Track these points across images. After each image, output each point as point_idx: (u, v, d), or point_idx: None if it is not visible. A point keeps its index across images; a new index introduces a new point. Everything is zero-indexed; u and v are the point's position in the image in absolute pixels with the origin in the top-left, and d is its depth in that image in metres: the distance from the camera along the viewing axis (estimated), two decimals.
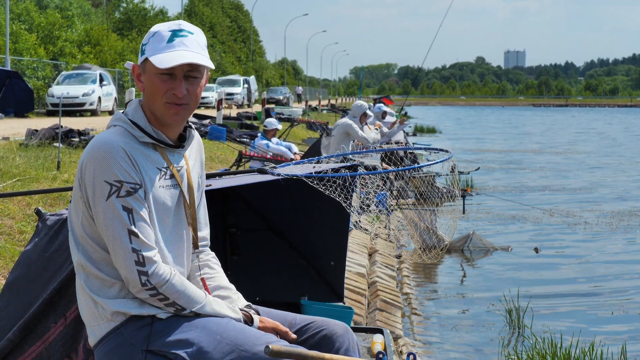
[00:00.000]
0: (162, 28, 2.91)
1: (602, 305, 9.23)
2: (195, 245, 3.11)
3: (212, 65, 2.92)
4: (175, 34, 2.89)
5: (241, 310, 3.03)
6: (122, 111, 2.99)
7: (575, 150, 34.92)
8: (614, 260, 11.79)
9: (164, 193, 2.93)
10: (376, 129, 14.80)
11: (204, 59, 2.88)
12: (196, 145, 3.14)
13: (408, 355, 3.50)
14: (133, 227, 2.80)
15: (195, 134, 3.13)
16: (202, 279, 3.10)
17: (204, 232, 3.18)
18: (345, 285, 5.34)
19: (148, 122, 2.94)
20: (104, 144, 2.83)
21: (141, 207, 2.84)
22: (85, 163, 2.84)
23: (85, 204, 2.86)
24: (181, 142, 3.02)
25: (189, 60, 2.84)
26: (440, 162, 5.18)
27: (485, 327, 8.21)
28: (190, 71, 2.89)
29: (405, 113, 20.42)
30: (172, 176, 2.97)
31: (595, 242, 13.18)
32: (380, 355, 3.48)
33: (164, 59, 2.83)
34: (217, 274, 3.17)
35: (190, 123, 3.06)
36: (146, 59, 2.88)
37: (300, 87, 68.19)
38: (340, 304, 4.96)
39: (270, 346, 2.71)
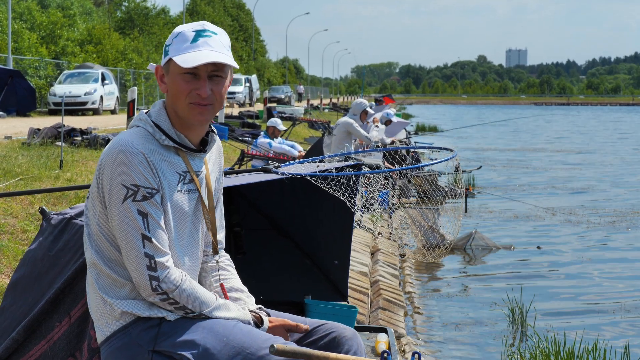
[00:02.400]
0: (186, 29, 2.91)
1: (605, 303, 9.22)
2: (215, 250, 3.12)
3: (236, 65, 2.92)
4: (199, 34, 2.88)
5: (251, 312, 3.04)
6: (145, 111, 2.98)
7: (577, 149, 34.91)
8: (616, 259, 11.79)
9: (182, 198, 2.93)
10: (376, 126, 14.83)
11: (228, 59, 2.87)
12: (216, 150, 3.14)
13: (413, 355, 3.50)
14: (147, 232, 2.81)
15: (217, 138, 3.12)
16: (222, 285, 3.11)
17: (220, 234, 3.19)
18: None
19: (171, 124, 2.93)
20: (124, 146, 2.82)
21: (157, 212, 2.84)
22: (104, 163, 2.84)
23: (102, 203, 2.86)
24: (203, 146, 3.00)
25: (214, 59, 2.83)
26: (445, 160, 5.18)
27: (488, 326, 8.20)
28: (215, 71, 2.88)
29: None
30: (191, 181, 2.96)
31: (598, 240, 13.17)
32: (385, 355, 3.48)
33: (187, 59, 2.82)
34: (230, 275, 3.17)
35: (212, 127, 3.05)
36: (169, 60, 2.88)
37: (301, 86, 68.11)
38: (344, 303, 4.95)
39: (275, 345, 2.72)
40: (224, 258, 3.22)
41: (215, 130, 3.08)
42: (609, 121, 73.02)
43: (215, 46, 2.88)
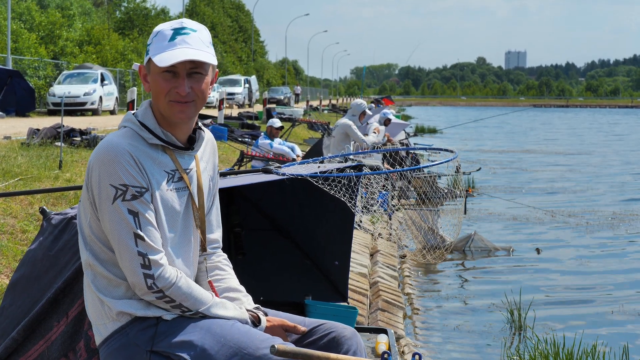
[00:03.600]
0: (165, 27, 2.91)
1: (604, 305, 9.22)
2: (204, 248, 3.11)
3: (214, 62, 2.90)
4: (177, 32, 2.88)
5: (248, 311, 3.03)
6: (133, 112, 2.98)
7: (576, 151, 34.92)
8: (615, 261, 11.80)
9: (172, 196, 2.92)
10: (374, 133, 14.84)
11: (205, 55, 2.86)
12: (210, 148, 3.13)
13: (413, 356, 3.50)
14: (139, 231, 2.80)
15: (209, 136, 3.11)
16: (210, 282, 3.10)
17: (216, 234, 3.18)
18: None
19: (157, 123, 2.93)
20: (110, 146, 2.82)
21: (147, 210, 2.83)
22: (91, 165, 2.85)
23: (92, 205, 2.86)
24: (191, 144, 3.00)
25: (189, 57, 2.82)
26: (446, 162, 5.18)
27: (487, 327, 8.20)
28: (194, 68, 2.87)
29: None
30: (180, 179, 2.96)
31: (597, 242, 13.17)
32: (386, 356, 3.48)
33: (164, 58, 2.82)
34: (227, 275, 3.16)
35: (201, 125, 3.04)
36: (150, 59, 2.88)
37: (298, 87, 67.80)
38: (344, 304, 4.96)
39: (276, 346, 2.71)
40: (222, 257, 3.20)
41: (205, 129, 3.08)
42: (607, 123, 73.05)
43: (193, 43, 2.87)
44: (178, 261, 2.95)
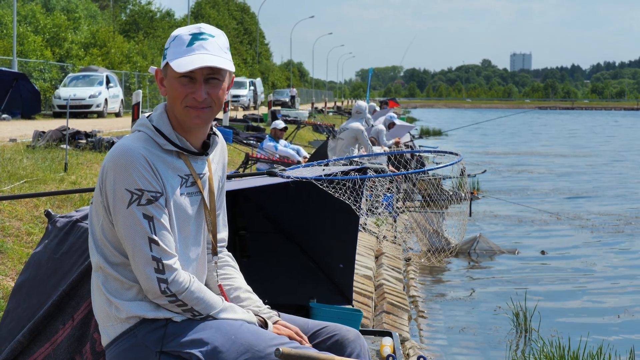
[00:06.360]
0: (183, 32, 2.90)
1: (609, 308, 9.21)
2: (215, 252, 3.12)
3: (232, 68, 2.90)
4: (195, 37, 2.87)
5: (256, 315, 3.04)
6: (147, 115, 2.98)
7: (581, 153, 34.87)
8: (620, 263, 11.78)
9: (185, 201, 2.93)
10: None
11: (223, 62, 2.86)
12: (219, 148, 3.13)
13: (418, 358, 3.50)
14: (153, 235, 2.80)
15: (220, 138, 3.11)
16: (220, 286, 3.11)
17: (223, 233, 3.19)
18: None
19: (172, 128, 2.92)
20: (125, 151, 2.82)
21: (162, 215, 2.83)
22: (106, 169, 2.84)
23: (106, 209, 2.86)
24: (205, 149, 3.00)
25: (207, 63, 2.82)
26: (451, 164, 5.17)
27: (493, 330, 8.19)
28: (211, 74, 2.86)
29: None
30: (193, 183, 2.96)
31: (602, 245, 13.16)
32: (390, 358, 3.48)
33: (182, 63, 2.82)
34: (236, 274, 3.19)
35: (214, 130, 3.05)
36: (167, 64, 2.88)
37: (294, 89, 67.28)
38: (349, 306, 4.95)
39: (280, 348, 2.72)
40: (227, 257, 3.22)
41: (218, 132, 3.08)
42: (615, 126, 72.92)
43: (211, 49, 2.86)
44: (190, 265, 2.96)
